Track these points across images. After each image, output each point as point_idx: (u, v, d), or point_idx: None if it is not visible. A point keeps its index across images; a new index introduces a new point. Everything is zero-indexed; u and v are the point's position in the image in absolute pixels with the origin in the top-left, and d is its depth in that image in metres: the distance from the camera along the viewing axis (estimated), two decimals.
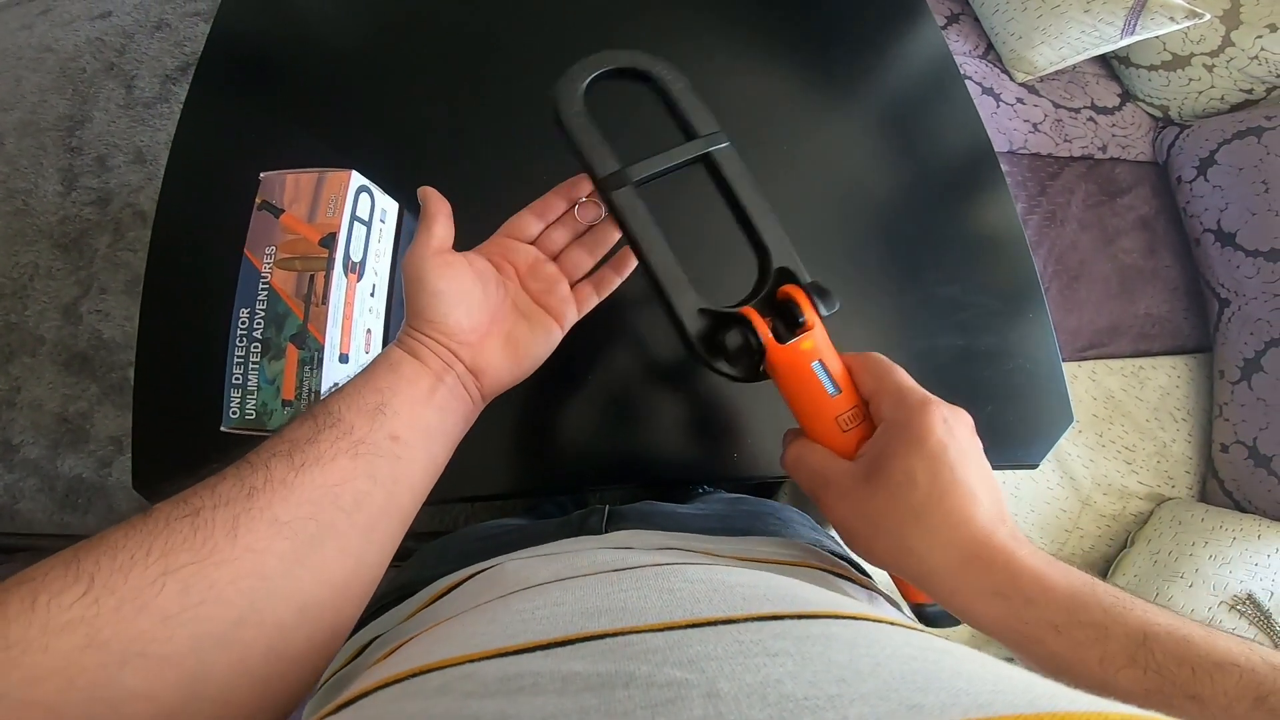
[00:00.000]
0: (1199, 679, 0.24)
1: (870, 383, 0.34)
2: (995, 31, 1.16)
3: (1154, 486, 1.04)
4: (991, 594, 0.28)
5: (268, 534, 0.23)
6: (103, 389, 1.31)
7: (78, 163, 1.46)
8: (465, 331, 0.34)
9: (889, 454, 0.30)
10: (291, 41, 0.65)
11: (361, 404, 0.29)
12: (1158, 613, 0.27)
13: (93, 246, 1.40)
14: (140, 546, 0.21)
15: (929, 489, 0.29)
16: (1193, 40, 1.09)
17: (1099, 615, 0.26)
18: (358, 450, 0.28)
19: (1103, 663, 0.25)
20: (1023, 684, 0.16)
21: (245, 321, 0.45)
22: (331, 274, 0.46)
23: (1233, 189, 1.05)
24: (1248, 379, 1.00)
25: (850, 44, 0.66)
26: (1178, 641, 0.25)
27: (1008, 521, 0.30)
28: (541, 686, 0.16)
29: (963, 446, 0.30)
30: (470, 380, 0.35)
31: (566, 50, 0.61)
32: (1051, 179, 1.11)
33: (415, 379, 0.32)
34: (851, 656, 0.17)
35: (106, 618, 0.19)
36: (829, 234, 0.57)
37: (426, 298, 0.33)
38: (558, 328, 0.38)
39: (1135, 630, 0.25)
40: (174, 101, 1.50)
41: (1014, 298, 0.57)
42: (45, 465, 1.28)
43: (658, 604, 0.21)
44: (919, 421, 0.30)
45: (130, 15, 1.59)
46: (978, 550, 0.28)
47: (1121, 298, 1.08)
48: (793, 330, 0.34)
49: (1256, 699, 0.24)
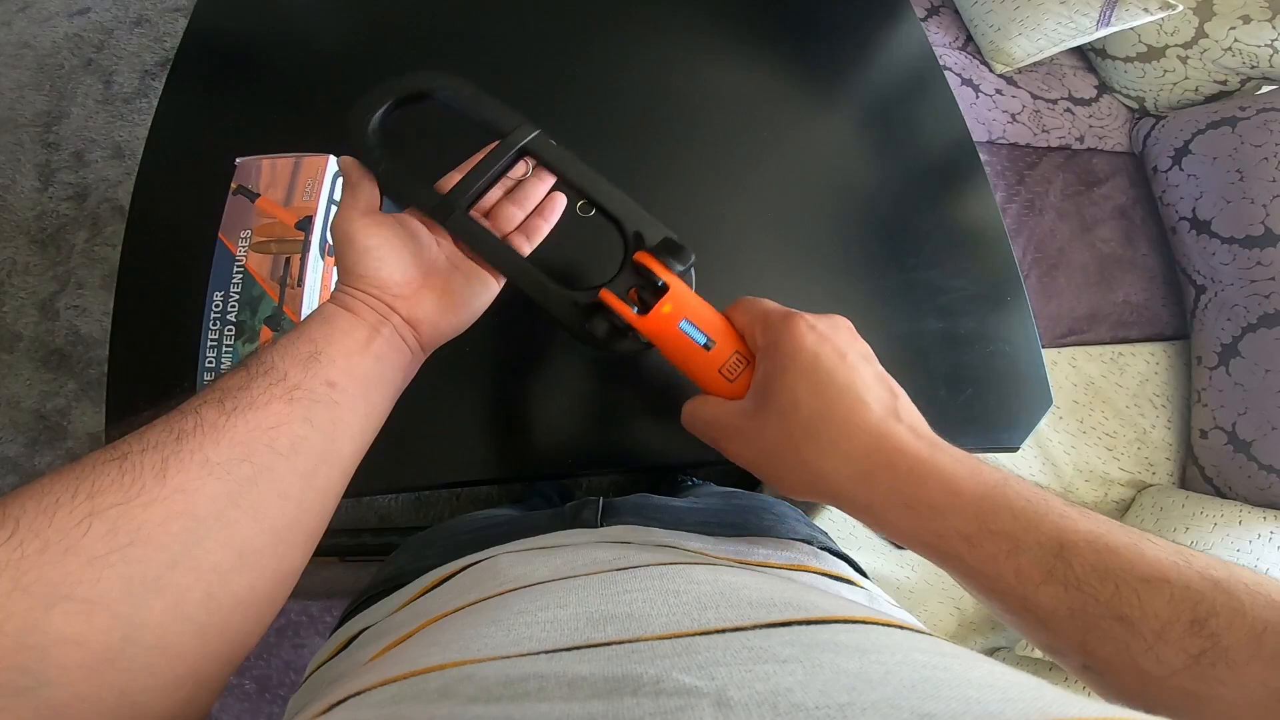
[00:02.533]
0: (1124, 597, 0.22)
1: (741, 320, 0.34)
2: (974, 23, 1.18)
3: (1135, 473, 1.06)
4: (902, 506, 0.27)
5: (199, 475, 0.23)
6: (80, 385, 1.30)
7: (55, 158, 1.44)
8: (399, 284, 0.34)
9: (768, 380, 0.30)
10: (269, 35, 0.64)
11: (295, 353, 0.29)
12: (1079, 517, 0.24)
13: (70, 242, 1.38)
14: (66, 490, 0.20)
15: (812, 402, 0.29)
16: (1167, 32, 1.11)
17: (1009, 523, 0.24)
18: (293, 395, 0.27)
19: (1019, 577, 0.24)
20: (1033, 691, 0.15)
21: (219, 305, 0.45)
22: (307, 256, 0.46)
23: (1207, 178, 1.06)
24: (1225, 364, 1.02)
25: (831, 36, 0.67)
26: (1098, 551, 0.23)
27: (906, 418, 0.29)
28: (547, 691, 0.16)
29: (839, 349, 0.30)
30: (408, 331, 0.34)
31: (549, 51, 0.62)
32: (1030, 169, 1.13)
33: (350, 329, 0.32)
34: (861, 664, 0.17)
35: (31, 560, 0.18)
36: (812, 222, 0.58)
37: (356, 254, 0.33)
38: (494, 282, 0.38)
39: (1050, 540, 0.24)
40: (153, 97, 1.49)
41: (993, 282, 0.57)
42: (23, 463, 1.26)
43: (664, 609, 0.20)
44: (786, 339, 0.30)
45: (110, 11, 1.58)
46: (876, 454, 0.27)
47: (1100, 285, 1.10)
48: (656, 295, 0.34)
49: (1193, 621, 0.21)
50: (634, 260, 0.35)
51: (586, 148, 0.57)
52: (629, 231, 0.36)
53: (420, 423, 0.47)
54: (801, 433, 0.29)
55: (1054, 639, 0.24)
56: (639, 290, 0.35)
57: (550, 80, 0.61)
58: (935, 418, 0.51)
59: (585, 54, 0.63)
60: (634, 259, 0.35)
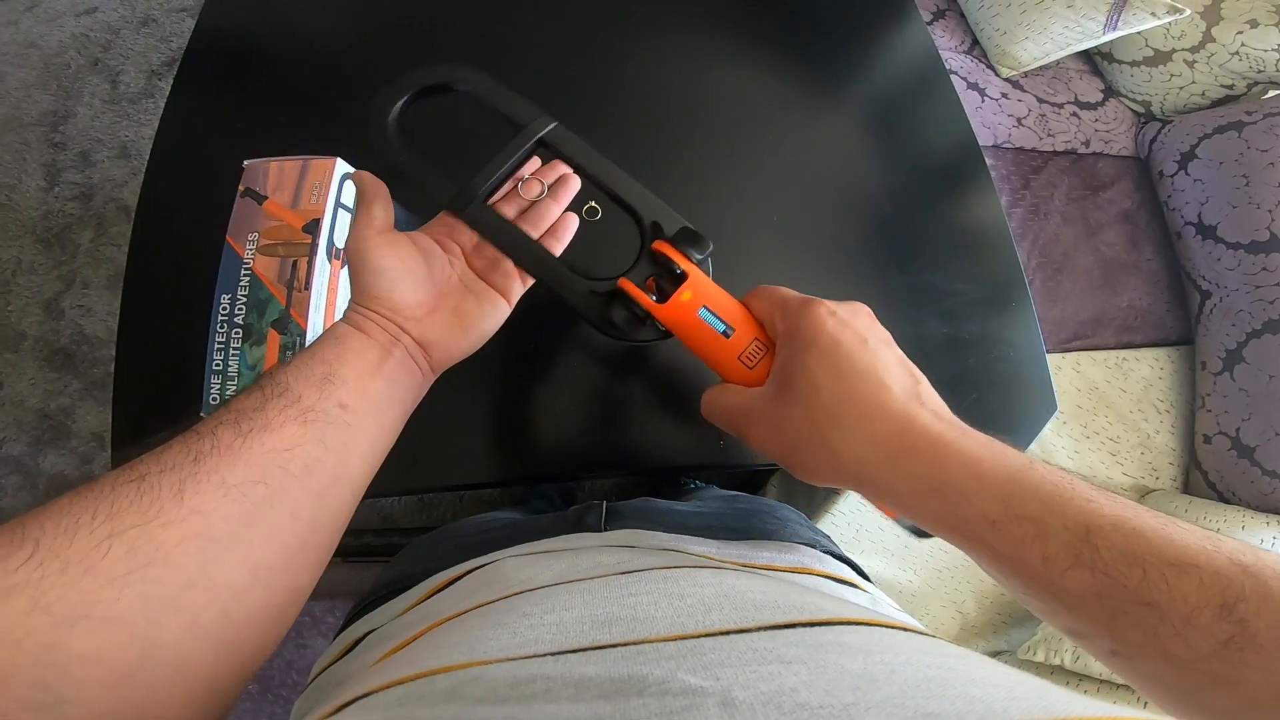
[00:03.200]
0: (1151, 582, 0.22)
1: (760, 308, 0.34)
2: (980, 27, 1.17)
3: (1138, 478, 1.05)
4: (928, 491, 0.27)
5: (215, 497, 0.23)
6: (85, 385, 1.30)
7: (61, 158, 1.45)
8: (411, 306, 0.34)
9: (789, 366, 0.30)
10: (276, 35, 0.64)
11: (309, 374, 0.29)
12: (1105, 500, 0.24)
13: (75, 242, 1.38)
14: (85, 510, 0.21)
15: (834, 386, 0.29)
16: (1174, 36, 1.11)
17: (1035, 507, 0.24)
18: (306, 417, 0.28)
19: (1045, 562, 0.24)
20: (1036, 690, 0.16)
21: (226, 307, 0.45)
22: (315, 259, 0.46)
23: (1213, 183, 1.06)
24: (1229, 370, 1.02)
25: (837, 40, 0.67)
26: (1126, 536, 0.23)
27: (929, 402, 0.29)
28: (554, 693, 0.16)
29: (860, 334, 0.30)
30: (419, 353, 0.35)
31: (552, 51, 0.62)
32: (1035, 173, 1.12)
33: (362, 350, 0.32)
34: (865, 664, 0.17)
35: (52, 580, 0.19)
36: (816, 225, 0.58)
37: (370, 275, 0.33)
38: (505, 303, 0.38)
39: (1076, 524, 0.23)
40: (159, 97, 1.49)
41: (998, 287, 0.57)
42: (27, 462, 1.26)
43: (669, 611, 0.20)
44: (806, 324, 0.30)
45: (116, 11, 1.58)
46: (901, 438, 0.27)
47: (1104, 290, 1.09)
48: (675, 284, 0.34)
49: (1222, 607, 0.21)
50: (652, 249, 0.35)
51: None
52: (646, 221, 0.36)
53: (425, 426, 0.47)
54: (824, 417, 0.29)
55: (1081, 623, 0.24)
56: (657, 279, 0.35)
57: (554, 83, 0.61)
58: None
59: (588, 57, 0.63)
60: (652, 248, 0.35)
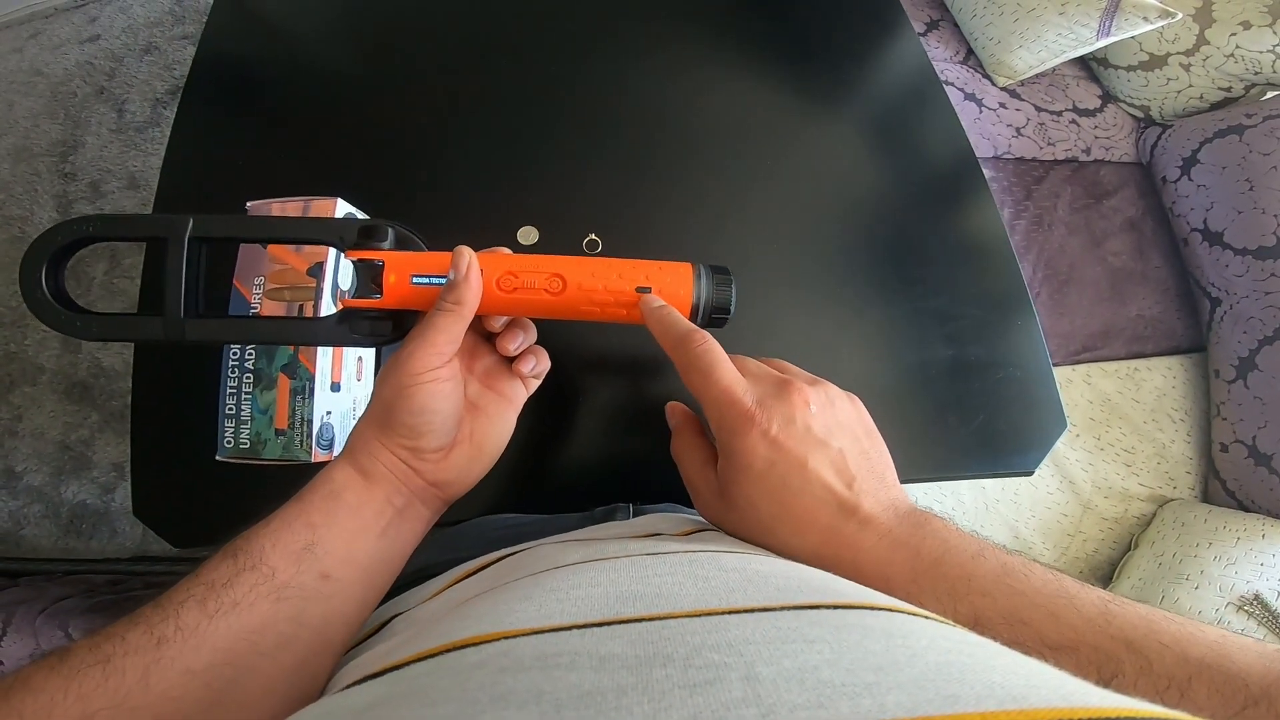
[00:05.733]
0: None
1: (710, 391, 0.32)
2: (974, 36, 1.18)
3: (1155, 488, 1.04)
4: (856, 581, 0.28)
5: (180, 683, 0.23)
6: (103, 416, 1.31)
7: (72, 189, 1.47)
8: (435, 452, 0.32)
9: (727, 481, 0.32)
10: (277, 65, 0.65)
11: (290, 542, 0.28)
12: (1000, 595, 0.25)
13: (89, 275, 1.40)
14: (59, 689, 0.22)
15: (769, 509, 0.30)
16: (1168, 40, 1.11)
17: (944, 600, 0.26)
18: (281, 594, 0.26)
19: None
20: (1055, 679, 0.16)
21: (237, 353, 0.45)
22: (320, 303, 0.46)
23: (1217, 187, 1.06)
24: (1243, 377, 1.01)
25: (829, 54, 0.66)
26: (1012, 627, 0.24)
27: (865, 507, 0.30)
28: (579, 664, 0.16)
29: (798, 458, 0.30)
30: (430, 493, 0.33)
31: (549, 75, 0.63)
32: (1037, 183, 1.12)
33: (358, 508, 0.30)
34: (888, 646, 0.17)
35: None
36: (813, 251, 0.57)
37: (407, 414, 0.31)
38: (512, 409, 0.37)
39: (966, 620, 0.25)
40: (165, 125, 1.50)
41: (1001, 305, 0.57)
42: (49, 492, 1.28)
43: (693, 591, 0.21)
44: (739, 450, 0.31)
45: (119, 39, 1.60)
46: (827, 547, 0.29)
47: (1113, 300, 1.09)
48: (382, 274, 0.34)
49: (1098, 682, 0.21)
50: (351, 263, 0.35)
51: (583, 169, 0.58)
52: (335, 246, 0.36)
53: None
54: (761, 528, 0.31)
55: None
56: (373, 280, 0.35)
57: (550, 105, 0.61)
58: (947, 446, 0.52)
59: (582, 78, 0.63)
60: (350, 260, 0.35)
